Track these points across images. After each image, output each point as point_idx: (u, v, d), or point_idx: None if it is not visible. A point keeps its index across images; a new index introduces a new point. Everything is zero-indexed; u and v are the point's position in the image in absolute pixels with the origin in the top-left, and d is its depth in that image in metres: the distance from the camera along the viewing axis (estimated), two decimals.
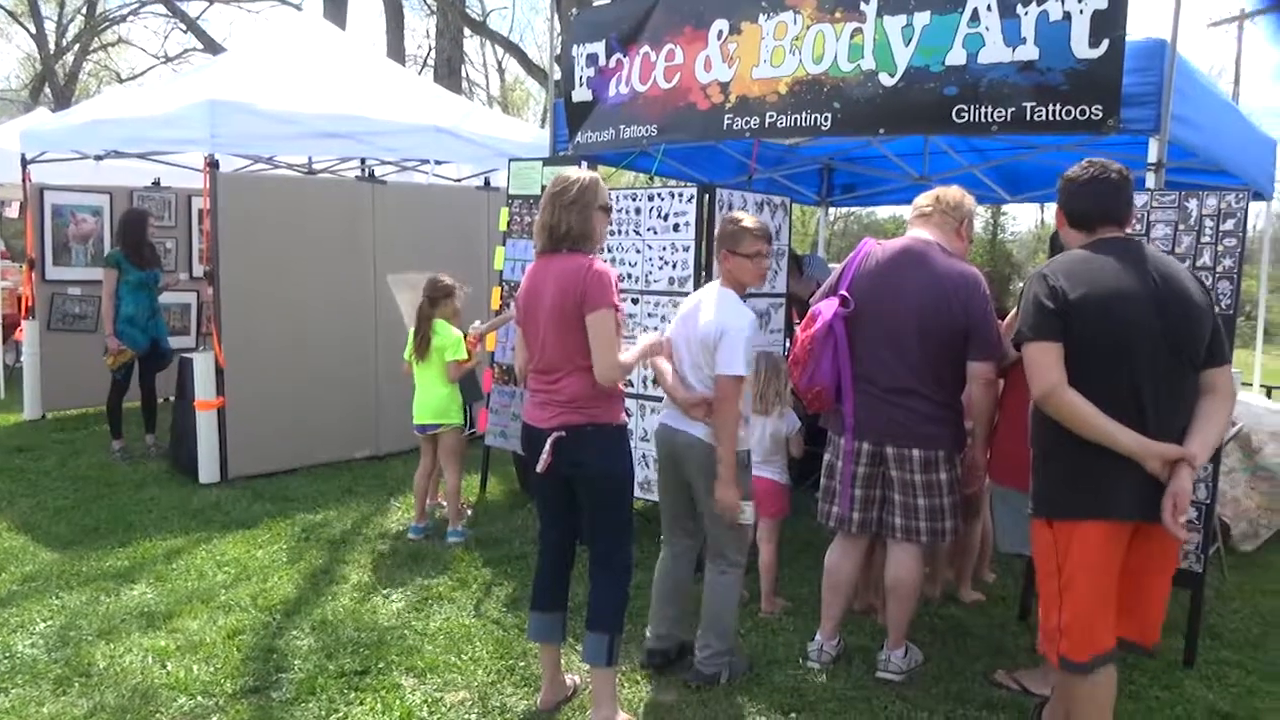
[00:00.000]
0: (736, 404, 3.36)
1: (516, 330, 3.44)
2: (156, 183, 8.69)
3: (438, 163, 7.76)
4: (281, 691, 3.54)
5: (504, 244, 6.00)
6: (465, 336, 5.25)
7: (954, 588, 4.65)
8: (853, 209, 27.16)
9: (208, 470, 6.22)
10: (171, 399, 6.93)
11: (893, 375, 3.55)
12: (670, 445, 3.57)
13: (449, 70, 16.23)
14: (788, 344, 4.89)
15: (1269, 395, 10.12)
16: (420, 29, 28.52)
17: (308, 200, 6.78)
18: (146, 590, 4.46)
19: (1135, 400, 2.68)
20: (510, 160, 6.06)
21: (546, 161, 5.80)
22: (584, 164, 5.71)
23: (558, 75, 6.49)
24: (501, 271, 5.98)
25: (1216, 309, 3.76)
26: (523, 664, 3.77)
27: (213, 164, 6.10)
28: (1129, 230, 2.96)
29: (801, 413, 4.37)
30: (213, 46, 20.28)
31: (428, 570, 4.80)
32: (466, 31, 18.78)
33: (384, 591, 4.50)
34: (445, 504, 5.43)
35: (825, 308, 3.64)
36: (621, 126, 5.39)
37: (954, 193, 3.74)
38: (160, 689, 3.54)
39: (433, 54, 19.28)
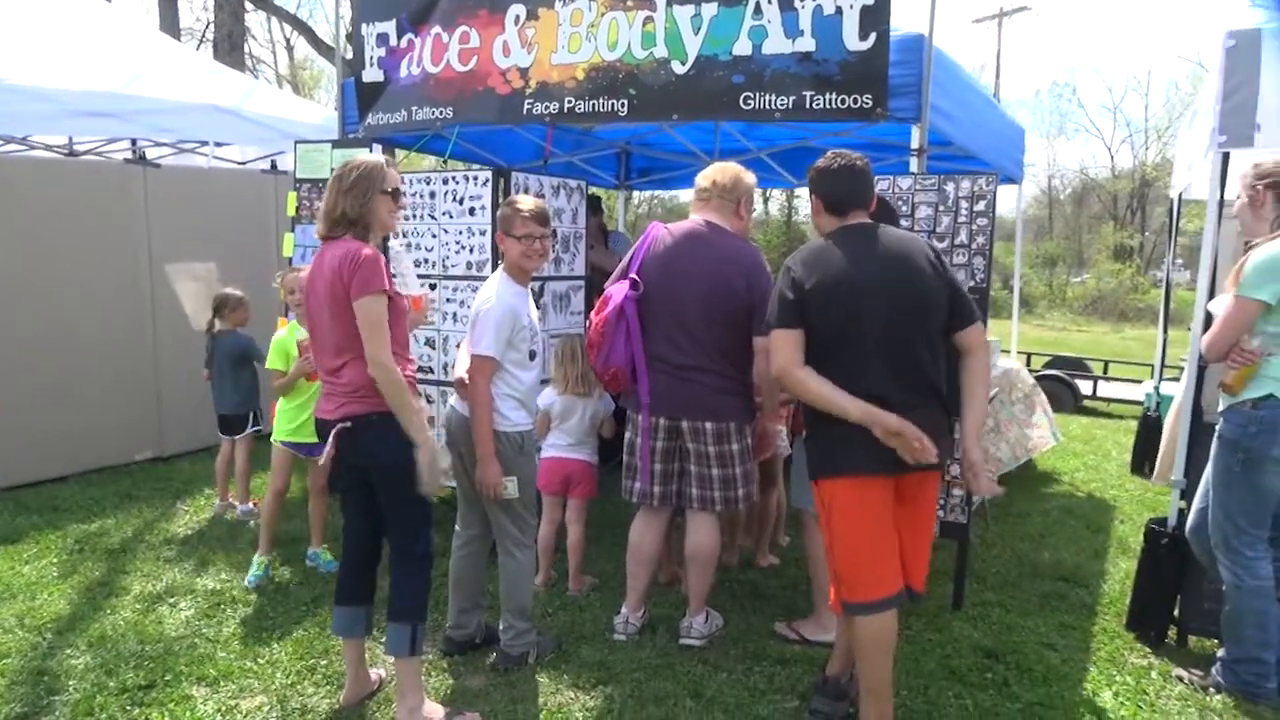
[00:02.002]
0: (485, 384, 3.38)
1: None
2: None
3: (218, 144, 7.32)
4: (55, 715, 3.28)
5: (293, 230, 5.75)
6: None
7: (752, 553, 4.89)
8: (656, 192, 27.77)
9: None
10: None
11: (683, 353, 3.68)
12: (449, 426, 3.59)
13: (230, 46, 15.27)
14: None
15: (1028, 362, 11.23)
16: (198, 1, 26.68)
17: (67, 185, 6.22)
18: None
19: (874, 372, 2.92)
20: (296, 142, 5.80)
21: (335, 144, 5.59)
22: (375, 147, 5.56)
23: (347, 53, 6.27)
24: (291, 259, 5.72)
25: (971, 281, 4.18)
26: (325, 662, 3.67)
27: None
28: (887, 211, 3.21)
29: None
30: None
31: (220, 575, 4.56)
32: (249, 5, 17.73)
33: (170, 600, 4.25)
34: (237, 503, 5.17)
35: (616, 291, 3.73)
36: (414, 108, 5.27)
37: (729, 173, 3.85)
38: None
39: (212, 29, 18.07)
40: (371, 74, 5.45)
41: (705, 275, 3.66)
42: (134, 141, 7.34)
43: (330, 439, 3.08)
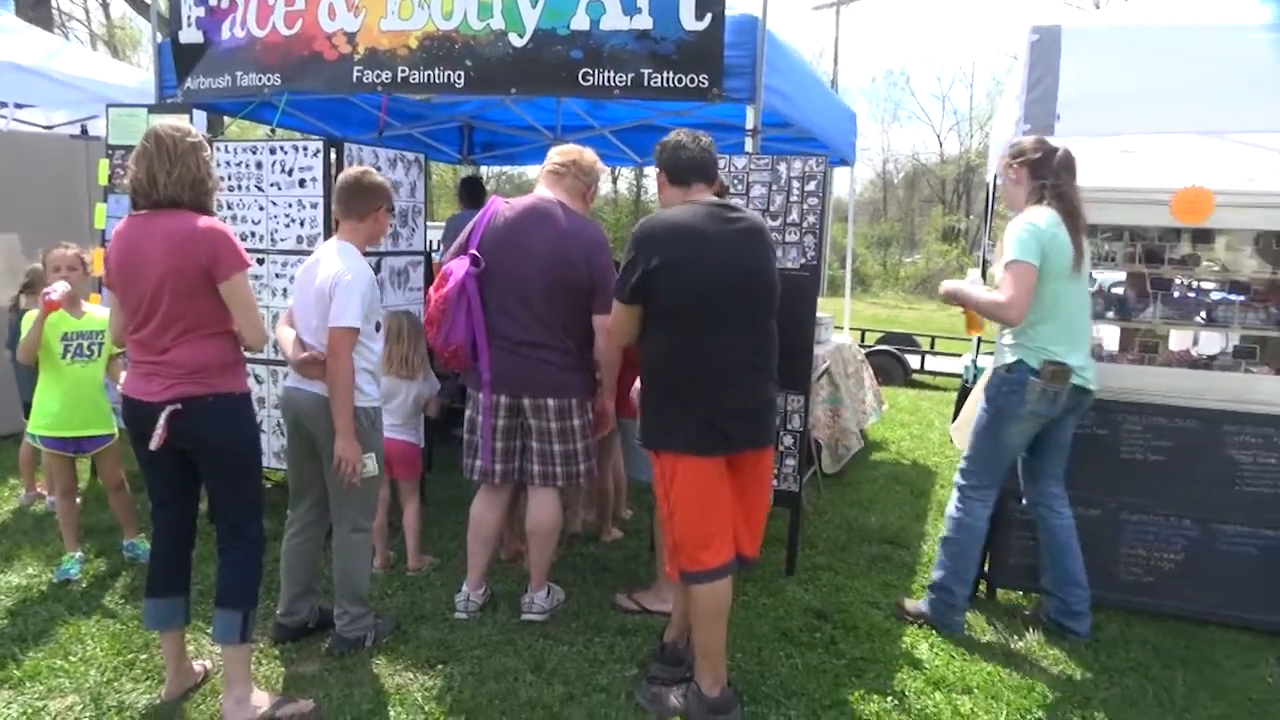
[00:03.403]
0: (349, 357, 3.28)
1: (111, 294, 3.10)
2: None
3: (19, 106, 6.74)
4: None
5: (105, 200, 5.36)
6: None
7: (595, 528, 4.94)
8: (504, 168, 27.44)
9: None
10: None
11: (524, 330, 3.66)
12: (294, 407, 3.44)
13: (35, 1, 14.07)
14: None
15: (862, 339, 11.77)
16: None
17: None
18: None
19: (718, 350, 3.01)
20: (109, 106, 5.41)
21: (152, 109, 5.24)
22: (198, 114, 5.26)
23: (163, 9, 5.87)
24: (104, 230, 5.34)
25: (803, 259, 4.34)
26: (145, 656, 3.48)
27: None
28: (725, 191, 3.30)
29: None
30: None
31: (27, 569, 4.25)
32: None
33: None
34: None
35: (456, 267, 3.67)
36: (238, 73, 5.01)
37: (589, 157, 3.87)
38: None
39: None
40: (189, 35, 5.13)
41: (548, 252, 3.65)
42: None
43: (162, 422, 2.90)
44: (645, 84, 4.37)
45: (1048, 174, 3.67)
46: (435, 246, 7.15)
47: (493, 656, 3.54)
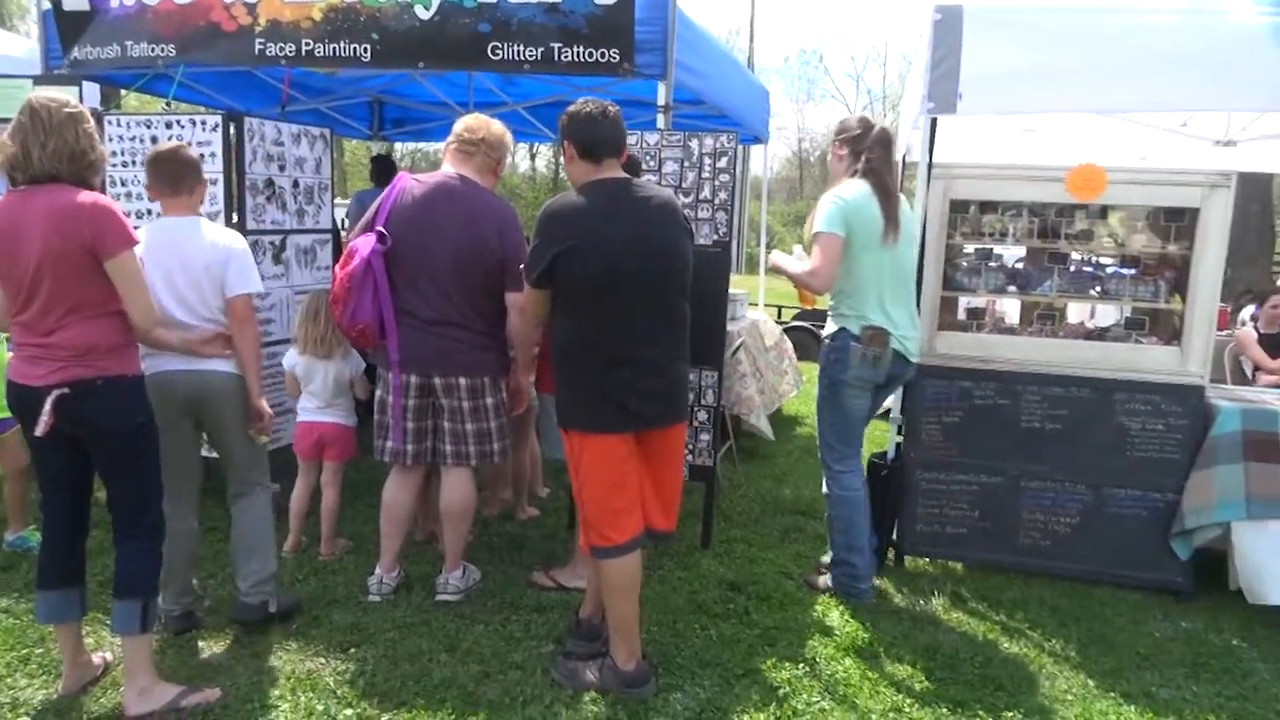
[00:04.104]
0: (255, 322, 3.36)
1: None
2: None
3: None
4: None
5: None
6: None
7: (512, 507, 4.92)
8: (419, 145, 26.95)
9: None
10: None
11: (434, 308, 3.61)
12: (194, 389, 3.32)
13: None
14: None
15: (779, 315, 11.91)
16: None
17: None
18: None
19: (636, 327, 3.01)
20: None
21: (38, 79, 4.99)
22: (89, 85, 5.03)
23: None
24: None
25: (715, 235, 4.36)
26: (40, 651, 3.35)
27: None
28: (636, 165, 3.29)
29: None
30: None
31: None
32: None
33: None
34: None
35: (362, 244, 3.59)
36: (129, 43, 4.79)
37: (496, 130, 3.80)
38: None
39: None
40: (74, 1, 4.88)
41: (458, 230, 3.59)
42: None
43: (48, 407, 2.78)
44: (556, 59, 4.33)
45: (865, 149, 3.83)
46: (343, 224, 7.00)
47: (407, 638, 3.50)
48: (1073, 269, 4.56)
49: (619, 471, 3.05)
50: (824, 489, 4.06)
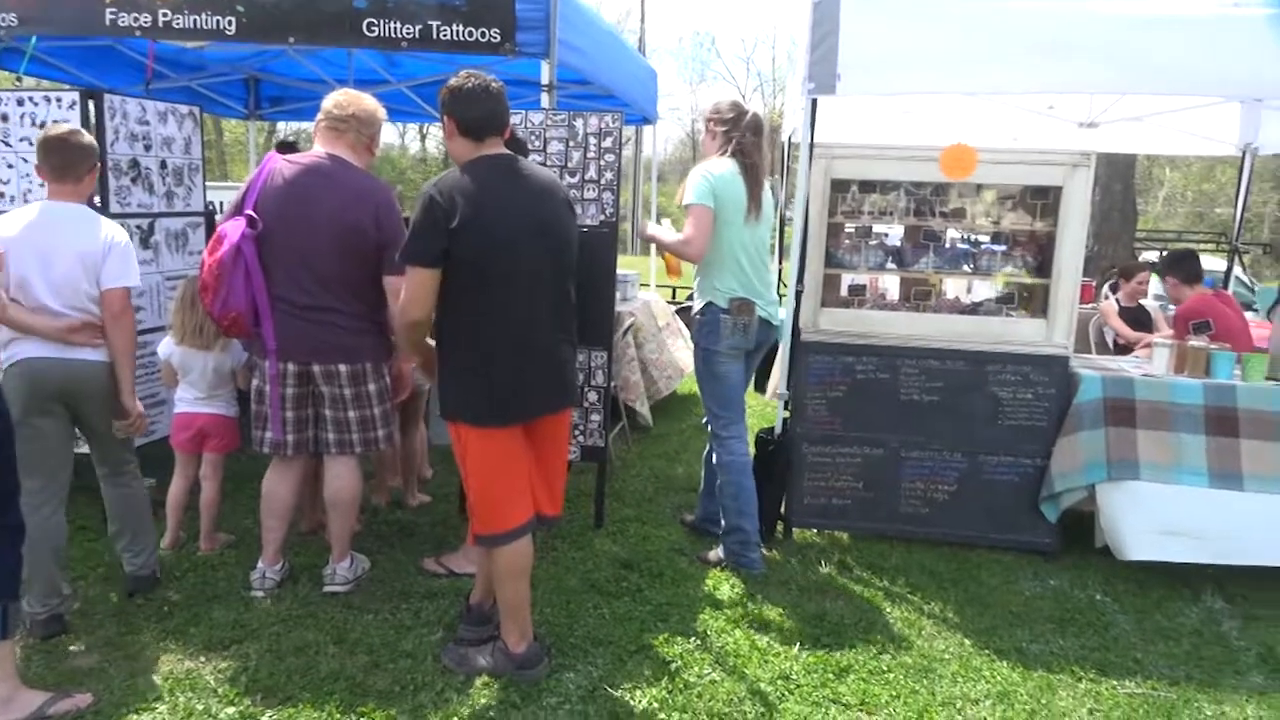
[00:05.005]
0: (133, 314, 3.35)
1: None
2: None
3: None
4: None
5: None
6: None
7: (401, 494, 4.84)
8: (304, 125, 26.03)
9: None
10: None
11: (310, 294, 3.50)
12: (66, 377, 3.23)
13: None
14: None
15: (674, 295, 11.99)
16: None
17: None
18: None
19: (517, 314, 2.98)
20: None
21: None
22: None
23: None
24: None
25: (602, 215, 4.36)
26: None
27: None
28: (522, 145, 3.26)
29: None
30: None
31: None
32: None
33: None
34: None
35: (231, 229, 3.45)
36: None
37: (367, 106, 3.68)
38: None
39: None
40: None
41: (332, 212, 3.48)
42: None
43: None
44: (434, 37, 4.25)
45: (736, 132, 4.00)
46: (219, 208, 6.71)
47: (292, 632, 3.41)
48: (948, 246, 4.73)
49: (507, 462, 3.03)
50: (714, 459, 4.18)
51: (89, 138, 3.35)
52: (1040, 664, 3.43)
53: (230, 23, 4.31)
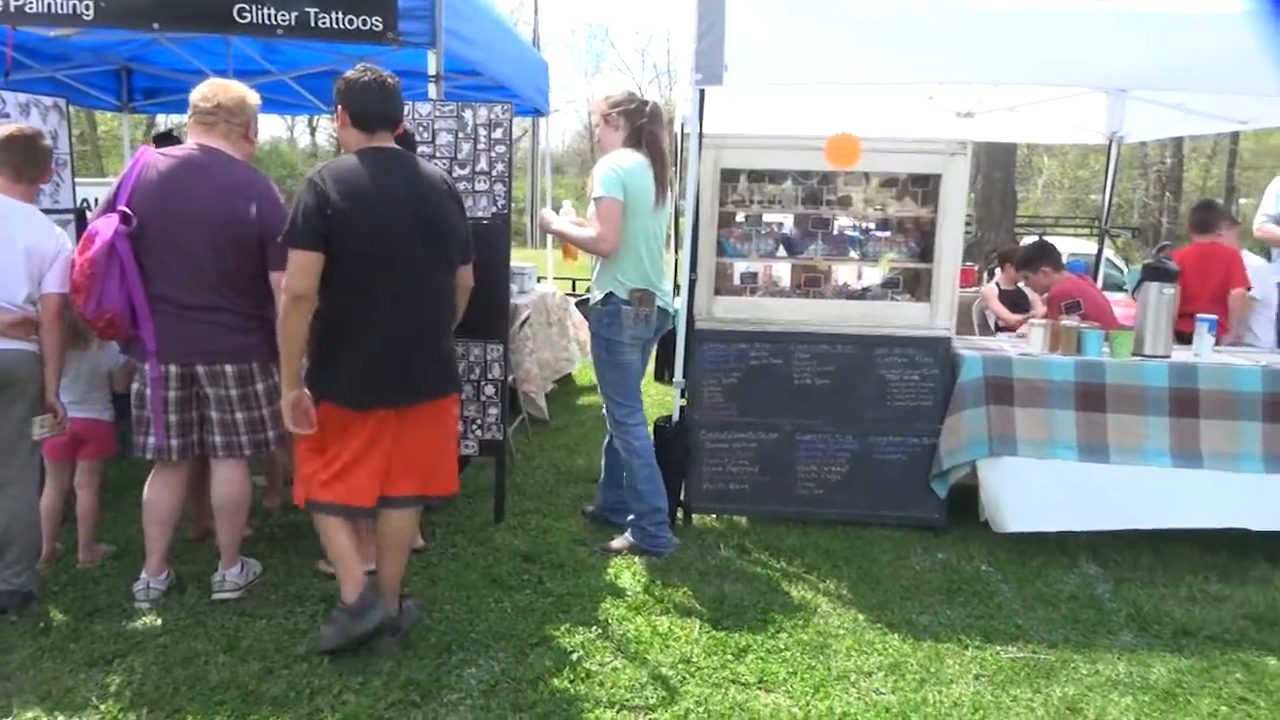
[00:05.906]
0: (67, 321, 3.46)
1: None
2: None
3: None
4: None
5: None
6: None
7: (290, 494, 4.71)
8: (184, 118, 24.99)
9: None
10: None
11: (191, 292, 3.38)
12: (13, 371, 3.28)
13: None
14: None
15: (573, 288, 11.97)
16: None
17: None
18: None
19: (398, 301, 3.01)
20: None
21: None
22: None
23: None
24: None
25: (494, 208, 4.33)
26: None
27: None
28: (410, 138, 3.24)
29: None
30: None
31: None
32: None
33: None
34: None
35: (104, 226, 3.30)
36: None
37: (234, 93, 3.56)
38: None
39: None
40: None
41: (211, 207, 3.37)
42: None
43: None
44: (312, 24, 4.13)
45: (643, 120, 4.06)
46: (93, 204, 6.41)
47: (180, 642, 3.30)
48: (835, 233, 4.85)
49: (338, 443, 3.09)
50: (620, 447, 4.21)
51: (48, 144, 3.54)
52: (929, 634, 3.57)
53: (89, 8, 4.09)
